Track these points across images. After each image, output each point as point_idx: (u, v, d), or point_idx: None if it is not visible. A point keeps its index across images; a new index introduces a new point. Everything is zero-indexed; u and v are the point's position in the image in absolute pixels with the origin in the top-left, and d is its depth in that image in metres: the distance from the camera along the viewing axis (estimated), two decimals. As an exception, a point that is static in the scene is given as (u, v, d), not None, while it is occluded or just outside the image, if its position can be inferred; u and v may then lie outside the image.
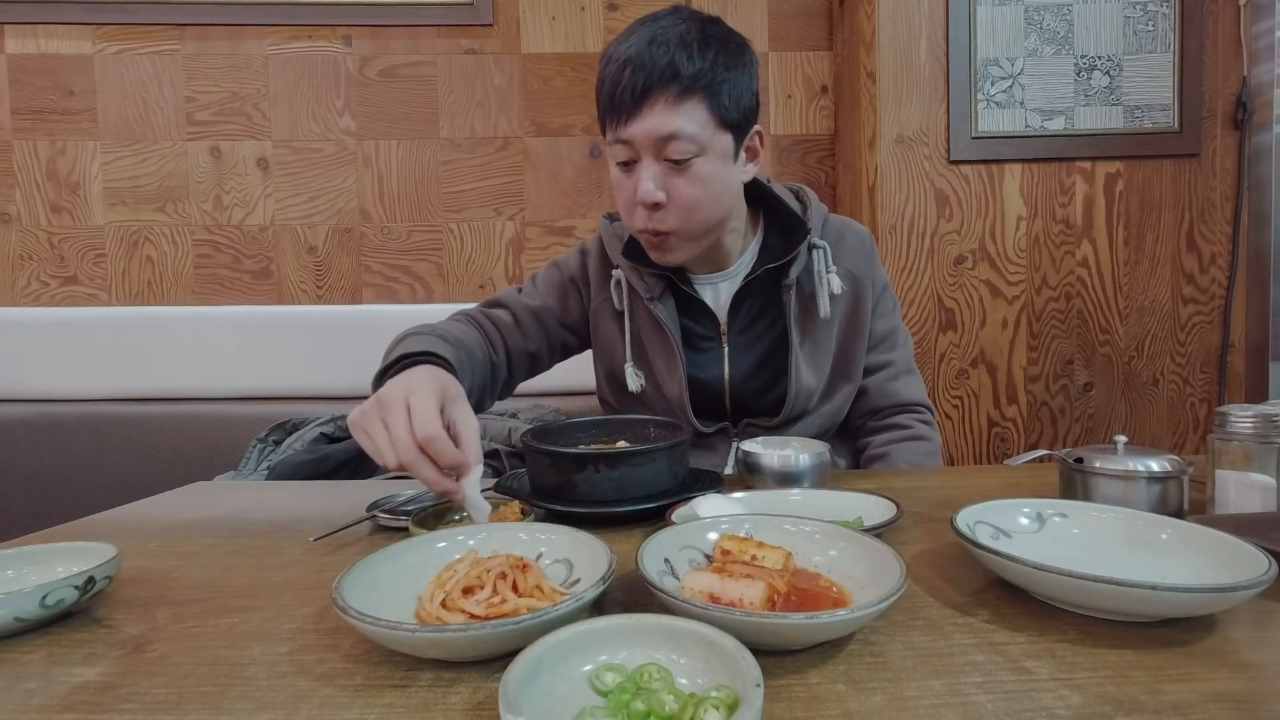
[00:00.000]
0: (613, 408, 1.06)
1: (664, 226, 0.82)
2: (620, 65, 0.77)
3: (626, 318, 0.95)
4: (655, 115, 0.77)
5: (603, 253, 0.99)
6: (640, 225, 0.83)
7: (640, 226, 0.83)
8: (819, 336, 0.93)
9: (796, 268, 0.92)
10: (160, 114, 1.65)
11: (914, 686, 0.36)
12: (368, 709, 0.36)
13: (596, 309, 0.99)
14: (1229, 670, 0.37)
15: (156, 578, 0.57)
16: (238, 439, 1.31)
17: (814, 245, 0.92)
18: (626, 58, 0.77)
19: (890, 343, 1.00)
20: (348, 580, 0.42)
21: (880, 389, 0.99)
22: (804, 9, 1.71)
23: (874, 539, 0.48)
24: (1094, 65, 1.51)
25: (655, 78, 0.76)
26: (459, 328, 0.91)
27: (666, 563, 0.48)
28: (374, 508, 0.70)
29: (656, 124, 0.77)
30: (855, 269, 0.95)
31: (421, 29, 1.66)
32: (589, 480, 0.66)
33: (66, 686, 0.39)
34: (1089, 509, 0.56)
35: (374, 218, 1.69)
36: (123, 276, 1.67)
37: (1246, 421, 0.62)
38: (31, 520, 0.80)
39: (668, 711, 0.32)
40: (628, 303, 0.95)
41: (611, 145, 0.81)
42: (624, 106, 0.77)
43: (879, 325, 0.99)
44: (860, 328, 0.96)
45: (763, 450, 0.75)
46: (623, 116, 0.77)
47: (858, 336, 0.96)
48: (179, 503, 0.84)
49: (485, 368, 0.91)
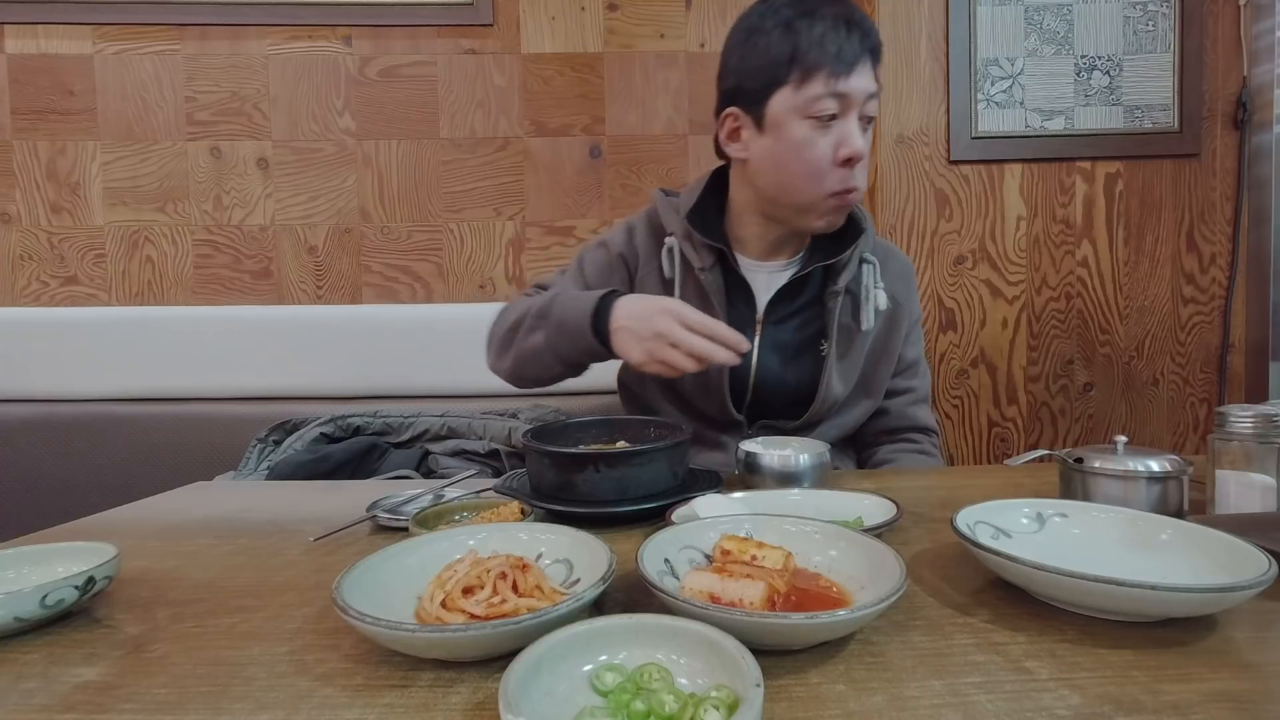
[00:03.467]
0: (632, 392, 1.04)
1: (855, 183, 0.83)
2: (839, 23, 0.79)
3: (676, 286, 0.94)
4: (868, 73, 0.81)
5: (652, 226, 0.99)
6: (838, 185, 0.83)
7: (837, 186, 0.83)
8: (854, 347, 0.94)
9: (846, 275, 0.92)
10: (160, 114, 1.65)
11: (914, 686, 0.36)
12: (368, 709, 0.36)
13: (642, 279, 0.98)
14: (1229, 670, 0.37)
15: (156, 578, 0.56)
16: (238, 439, 1.30)
17: (865, 259, 0.93)
18: (847, 18, 0.80)
19: (914, 370, 1.03)
20: (348, 580, 0.42)
21: (900, 412, 1.02)
22: (804, 9, 1.71)
23: (874, 539, 0.48)
24: (1094, 65, 1.51)
25: (871, 41, 0.81)
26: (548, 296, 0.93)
27: (666, 563, 0.48)
28: (374, 508, 0.70)
29: (868, 82, 0.81)
30: (896, 293, 0.97)
31: (421, 29, 1.66)
32: (589, 480, 0.66)
33: (66, 686, 0.39)
34: (1089, 509, 0.56)
35: (374, 218, 1.69)
36: (123, 276, 1.67)
37: (1246, 421, 0.62)
38: (31, 520, 0.80)
39: (668, 711, 0.32)
40: (679, 271, 0.93)
41: (819, 99, 0.79)
42: (847, 60, 0.78)
43: (908, 352, 1.01)
44: (891, 350, 0.98)
45: (763, 450, 0.75)
46: (844, 70, 0.78)
47: (886, 358, 0.98)
48: (179, 503, 0.84)
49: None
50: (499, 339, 0.94)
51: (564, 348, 0.85)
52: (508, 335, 0.92)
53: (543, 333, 0.86)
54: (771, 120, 0.83)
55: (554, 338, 0.85)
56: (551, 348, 0.85)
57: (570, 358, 0.86)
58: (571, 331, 0.83)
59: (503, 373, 0.95)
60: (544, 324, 0.85)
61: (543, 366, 0.89)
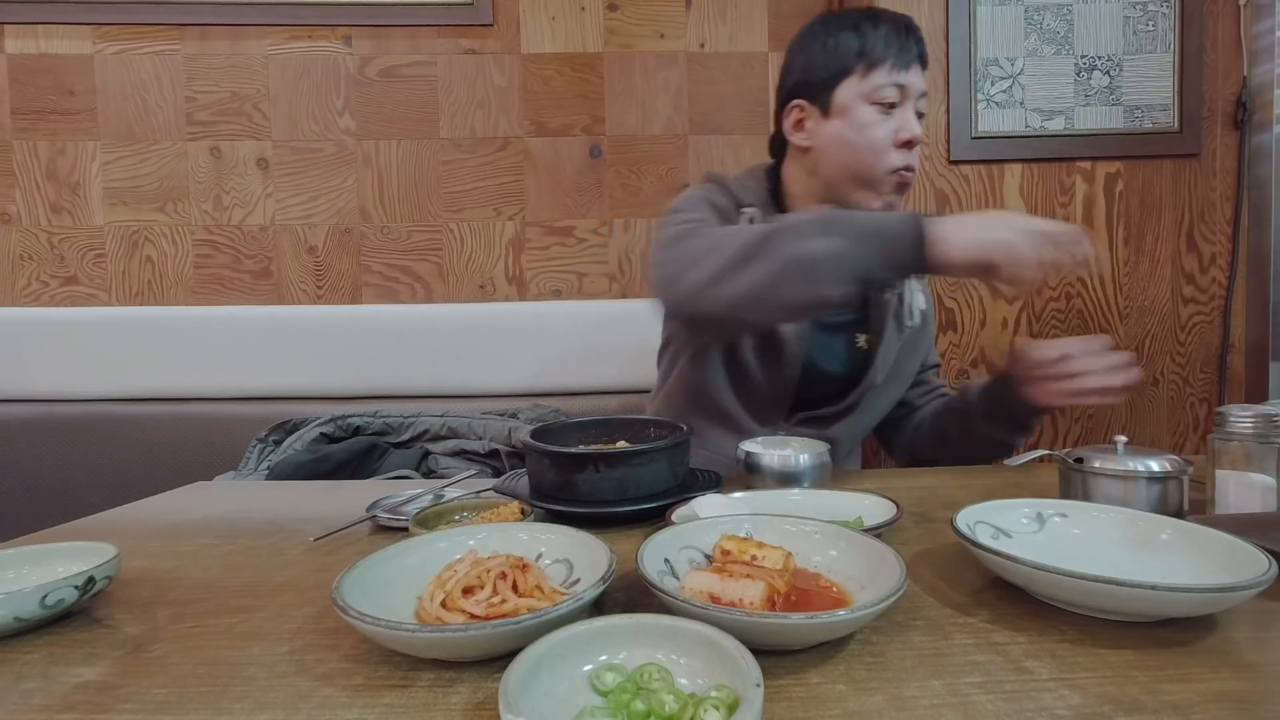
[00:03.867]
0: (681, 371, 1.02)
1: (914, 162, 0.93)
2: (901, 23, 0.92)
3: None
4: (920, 75, 0.92)
5: (729, 195, 0.98)
6: (900, 162, 0.91)
7: (899, 164, 0.91)
8: (894, 341, 1.01)
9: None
10: (160, 114, 1.65)
11: (914, 686, 0.36)
12: (368, 709, 0.36)
13: None
14: (1229, 670, 0.37)
15: (156, 578, 0.57)
16: (238, 439, 1.30)
17: None
18: (905, 23, 0.92)
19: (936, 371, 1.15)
20: (348, 580, 0.42)
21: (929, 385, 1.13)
22: (804, 9, 1.71)
23: (874, 539, 0.48)
24: (1094, 65, 1.51)
25: (923, 49, 0.93)
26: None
27: (666, 563, 0.48)
28: (374, 508, 0.70)
29: (921, 81, 0.92)
30: (928, 295, 1.06)
31: (421, 29, 1.66)
32: (589, 480, 0.66)
33: (66, 686, 0.39)
34: (1089, 509, 0.56)
35: (374, 218, 1.69)
36: (123, 276, 1.67)
37: (1246, 421, 0.62)
38: (31, 520, 0.80)
39: (668, 711, 0.32)
40: None
41: (882, 88, 0.90)
42: (907, 55, 0.90)
43: (931, 356, 1.12)
44: (919, 350, 1.06)
45: (763, 450, 0.75)
46: (904, 63, 0.90)
47: (915, 355, 1.06)
48: (179, 503, 0.84)
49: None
50: (725, 258, 0.79)
51: (865, 256, 0.75)
52: (741, 252, 0.78)
53: (828, 240, 0.75)
54: (839, 106, 0.93)
55: (851, 246, 0.75)
56: (840, 257, 0.75)
57: (866, 269, 0.75)
58: (887, 235, 0.75)
59: (718, 301, 0.79)
60: (833, 231, 0.76)
61: (805, 284, 0.76)
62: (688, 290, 0.80)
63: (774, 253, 0.77)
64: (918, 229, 0.73)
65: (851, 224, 0.76)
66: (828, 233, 0.76)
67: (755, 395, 0.98)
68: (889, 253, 0.75)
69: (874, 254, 0.75)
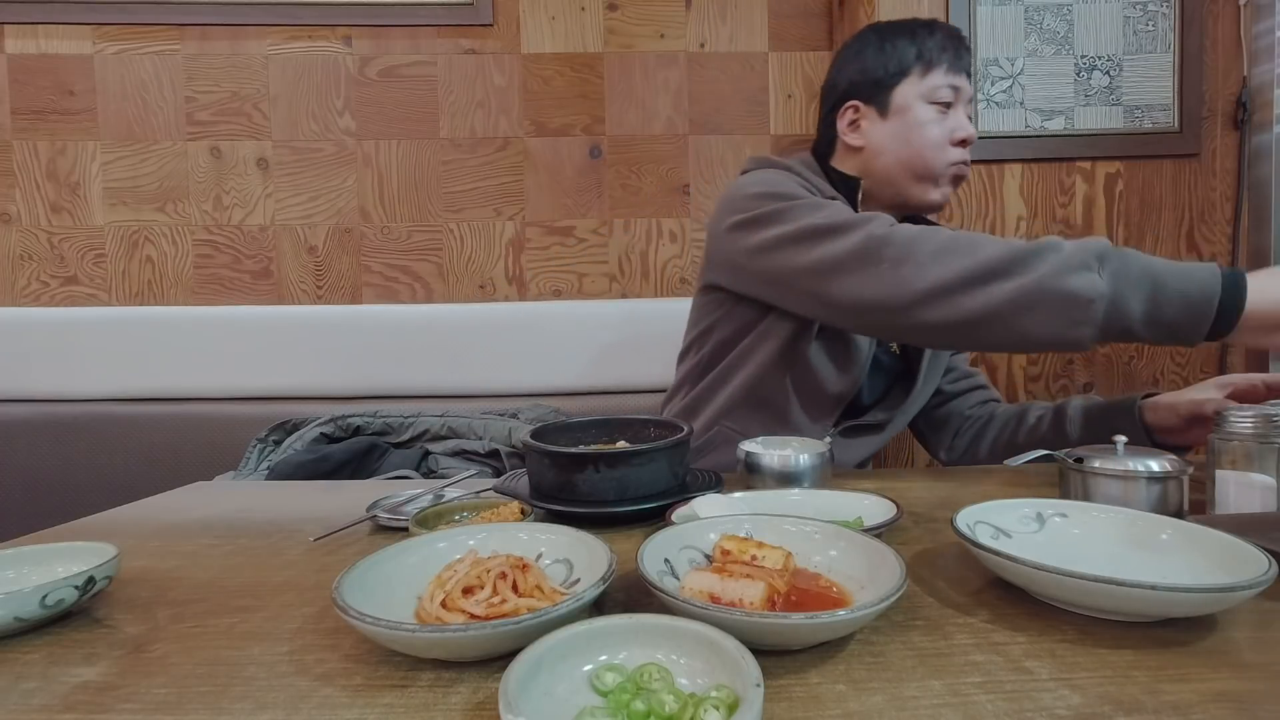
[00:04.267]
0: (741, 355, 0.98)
1: (968, 159, 0.97)
2: (954, 32, 0.97)
3: None
4: (968, 80, 0.97)
5: (808, 184, 0.98)
6: (957, 158, 0.96)
7: (956, 159, 0.96)
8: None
9: None
10: (160, 114, 1.65)
11: (914, 686, 0.36)
12: (368, 709, 0.36)
13: None
14: (1229, 670, 0.37)
15: (156, 578, 0.57)
16: (238, 439, 1.30)
17: None
18: (957, 32, 0.97)
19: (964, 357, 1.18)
20: (348, 580, 0.42)
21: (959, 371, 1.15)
22: (804, 9, 1.71)
23: (874, 539, 0.48)
24: (1094, 65, 1.51)
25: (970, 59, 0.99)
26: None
27: (666, 563, 0.48)
28: (374, 508, 0.70)
29: (970, 87, 0.98)
30: None
31: (421, 29, 1.66)
32: (589, 480, 0.66)
33: (66, 686, 0.39)
34: (1089, 509, 0.56)
35: (374, 218, 1.69)
36: (123, 276, 1.67)
37: (1246, 421, 0.62)
38: (31, 520, 0.80)
39: (668, 711, 0.32)
40: None
41: (939, 88, 0.95)
42: (961, 60, 0.96)
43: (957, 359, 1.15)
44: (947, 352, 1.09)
45: (763, 450, 0.75)
46: (958, 67, 0.95)
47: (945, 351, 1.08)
48: (179, 503, 0.84)
49: None
50: (977, 265, 0.72)
51: (1147, 310, 0.67)
52: (997, 263, 0.71)
53: (1106, 280, 0.68)
54: (897, 107, 0.96)
55: (1131, 294, 0.67)
56: (1116, 302, 0.67)
57: (1142, 325, 0.68)
58: (1187, 290, 0.66)
59: (956, 309, 0.72)
60: (1116, 272, 0.68)
61: (1059, 321, 0.69)
62: (930, 283, 0.73)
63: (1039, 275, 0.69)
64: (1229, 283, 0.65)
65: (1138, 267, 0.68)
66: (1108, 272, 0.68)
67: (816, 397, 0.97)
68: (1185, 309, 0.66)
69: (1163, 306, 0.67)
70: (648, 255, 1.72)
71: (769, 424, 0.97)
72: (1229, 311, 0.67)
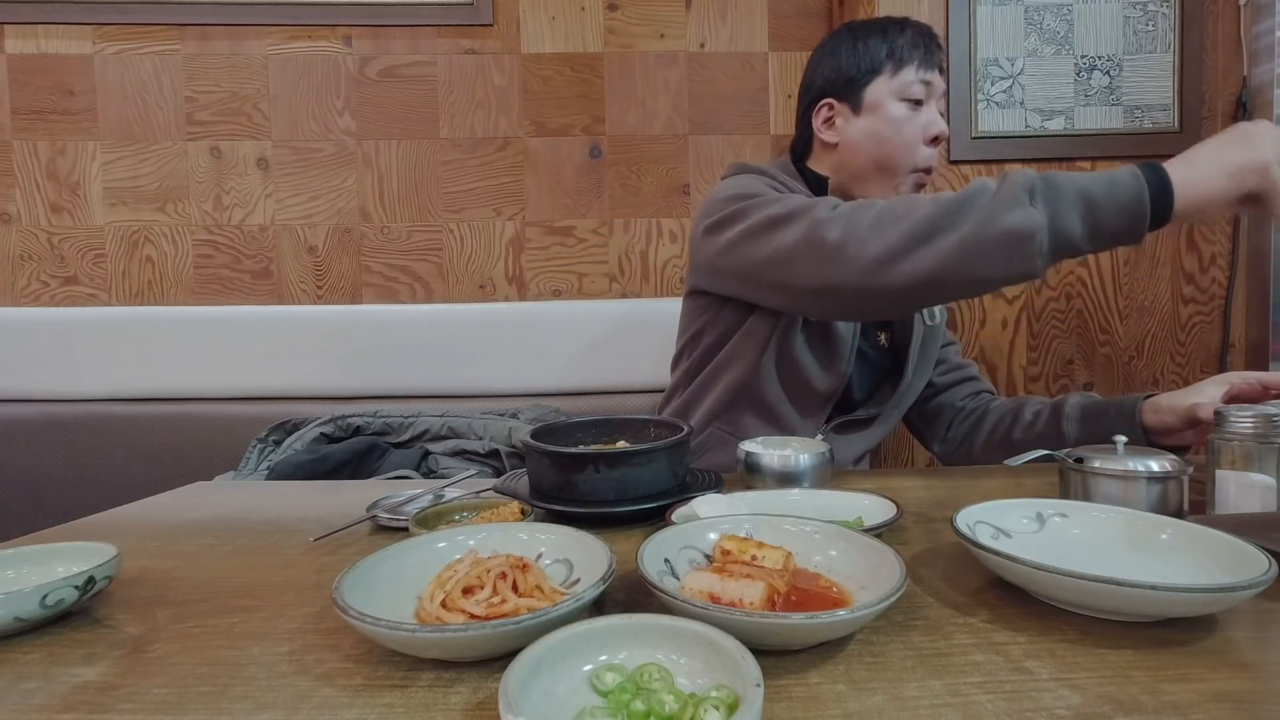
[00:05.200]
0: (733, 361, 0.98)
1: (935, 163, 0.99)
2: (925, 29, 0.98)
3: None
4: (940, 76, 0.98)
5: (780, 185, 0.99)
6: (924, 162, 0.97)
7: (924, 163, 0.97)
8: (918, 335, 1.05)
9: None
10: (160, 114, 1.65)
11: (914, 686, 0.36)
12: (368, 709, 0.36)
13: None
14: (1229, 670, 0.37)
15: (156, 578, 0.57)
16: (238, 439, 1.30)
17: None
18: (928, 29, 0.98)
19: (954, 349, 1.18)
20: (348, 580, 0.42)
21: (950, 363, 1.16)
22: (804, 9, 1.71)
23: (874, 539, 0.48)
24: (1094, 65, 1.51)
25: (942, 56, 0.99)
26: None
27: (666, 563, 0.48)
28: (374, 508, 0.70)
29: (942, 83, 0.99)
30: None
31: (421, 29, 1.66)
32: (589, 480, 0.66)
33: (66, 686, 0.39)
34: (1089, 509, 0.56)
35: (374, 218, 1.69)
36: (123, 276, 1.67)
37: (1246, 421, 0.62)
38: (31, 520, 0.80)
39: (668, 711, 0.32)
40: None
41: (911, 84, 0.96)
42: (932, 56, 0.97)
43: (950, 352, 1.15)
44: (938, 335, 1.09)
45: (763, 450, 0.75)
46: (930, 63, 0.96)
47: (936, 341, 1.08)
48: (179, 503, 0.84)
49: None
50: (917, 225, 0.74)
51: (1088, 225, 0.70)
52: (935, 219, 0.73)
53: (1042, 210, 0.69)
54: (869, 103, 0.98)
55: (1070, 215, 0.69)
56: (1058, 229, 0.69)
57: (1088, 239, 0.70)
58: (1118, 197, 0.68)
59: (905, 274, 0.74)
60: (1048, 199, 0.70)
61: (1011, 260, 0.70)
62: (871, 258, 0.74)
63: (977, 222, 0.71)
64: (1154, 181, 0.68)
65: (1069, 189, 0.70)
66: (1041, 201, 0.70)
67: (805, 395, 0.98)
68: (1121, 216, 0.69)
69: (1101, 221, 0.69)
70: (648, 255, 1.72)
71: (761, 424, 0.98)
72: (1162, 207, 0.69)
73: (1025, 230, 0.69)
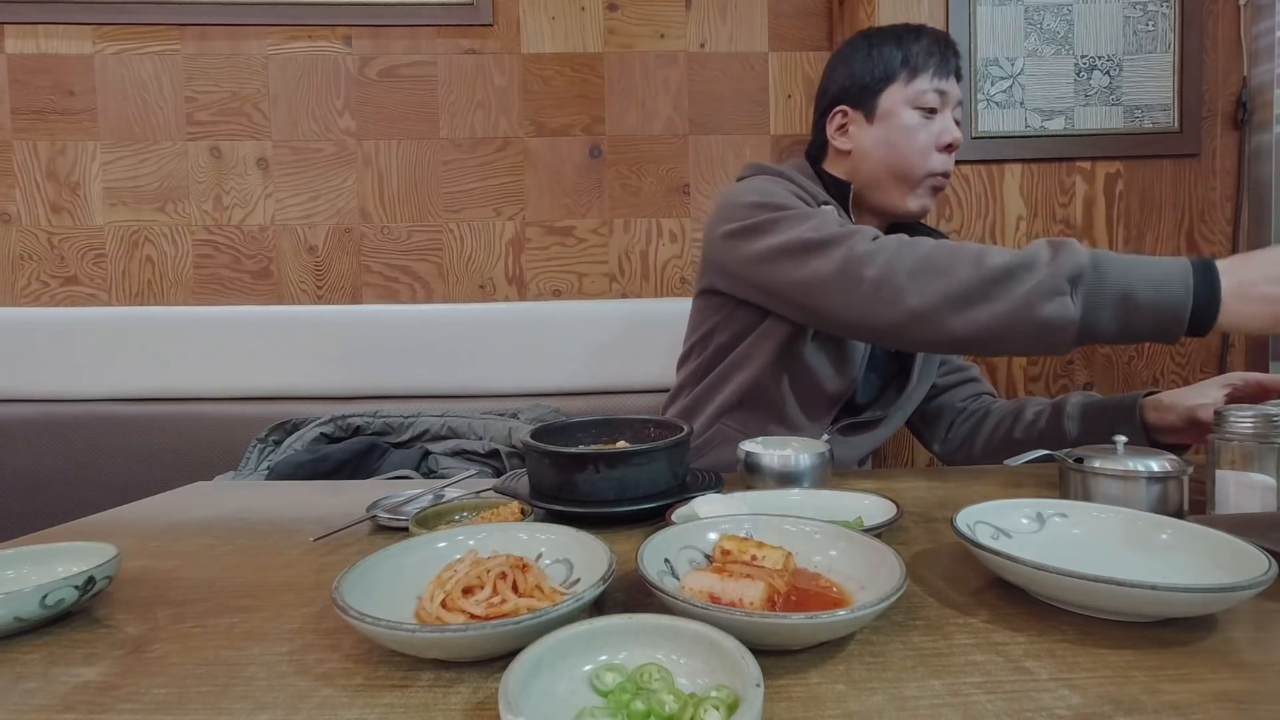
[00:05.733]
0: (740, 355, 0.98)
1: (950, 168, 0.98)
2: (941, 37, 0.98)
3: None
4: (956, 85, 0.98)
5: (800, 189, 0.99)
6: (939, 167, 0.97)
7: (939, 168, 0.97)
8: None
9: None
10: (160, 114, 1.65)
11: (914, 686, 0.36)
12: (368, 709, 0.36)
13: None
14: (1229, 670, 0.37)
15: (156, 578, 0.57)
16: (238, 439, 1.30)
17: None
18: (945, 37, 0.98)
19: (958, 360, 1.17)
20: (348, 580, 0.42)
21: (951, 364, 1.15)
22: (804, 9, 1.71)
23: (874, 539, 0.48)
24: (1094, 65, 1.51)
25: (958, 62, 0.99)
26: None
27: (666, 563, 0.48)
28: (374, 508, 0.70)
29: (958, 90, 0.98)
30: None
31: (421, 29, 1.66)
32: (589, 480, 0.66)
33: (66, 686, 0.39)
34: (1089, 509, 0.56)
35: (374, 218, 1.69)
36: (123, 276, 1.67)
37: (1246, 421, 0.62)
38: (31, 520, 0.80)
39: (668, 711, 0.32)
40: None
41: (925, 93, 0.96)
42: (947, 65, 0.96)
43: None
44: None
45: (763, 450, 0.75)
46: (945, 72, 0.96)
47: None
48: (179, 503, 0.84)
49: None
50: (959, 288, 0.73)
51: (1124, 327, 0.69)
52: (977, 286, 0.72)
53: (1082, 303, 0.69)
54: (883, 111, 0.98)
55: (1109, 315, 0.69)
56: (1093, 325, 0.69)
57: (1121, 337, 0.70)
58: (1161, 302, 0.67)
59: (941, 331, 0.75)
60: (1091, 291, 0.69)
61: (1041, 343, 0.72)
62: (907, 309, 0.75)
63: (1014, 302, 0.70)
64: (1201, 291, 0.66)
65: (1113, 287, 0.68)
66: (1082, 295, 0.69)
67: (814, 397, 0.98)
68: (1158, 323, 0.68)
69: (1135, 324, 0.68)
70: (648, 255, 1.72)
71: (767, 423, 0.98)
72: (1203, 317, 0.67)
73: (1058, 324, 0.69)
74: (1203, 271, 0.67)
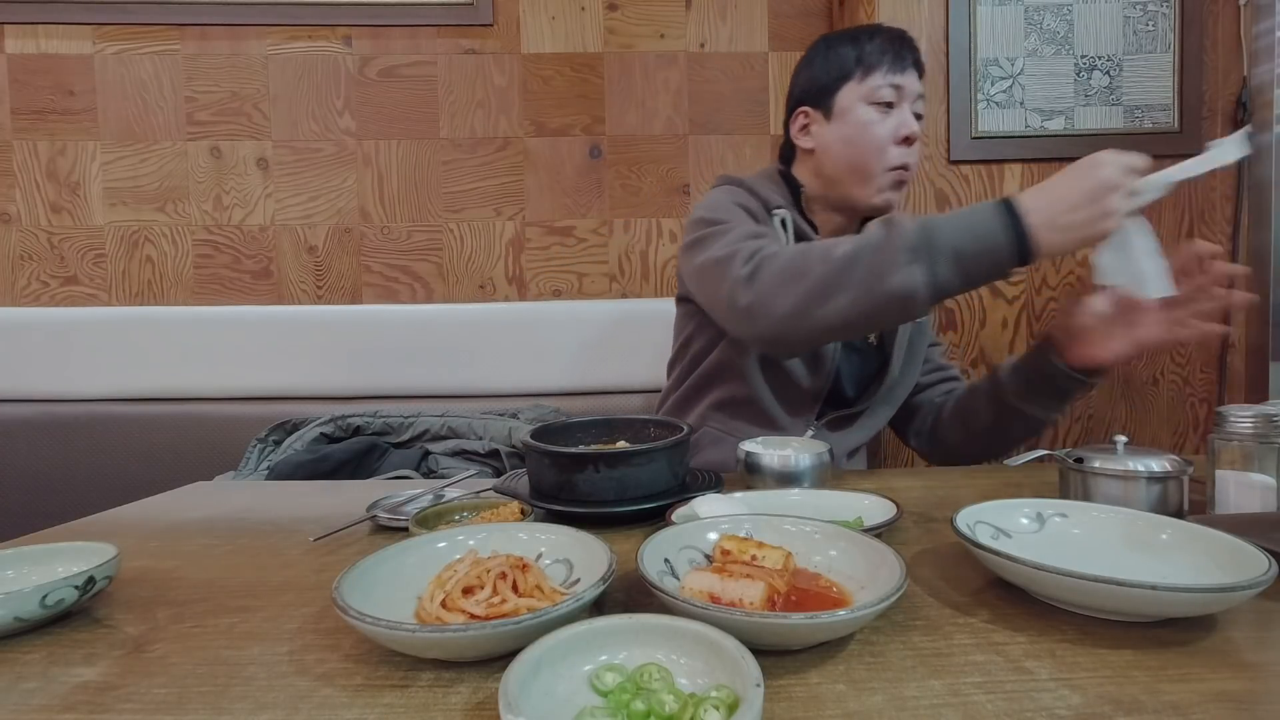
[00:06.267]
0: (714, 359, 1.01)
1: (911, 160, 0.99)
2: (896, 34, 0.99)
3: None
4: (915, 78, 0.99)
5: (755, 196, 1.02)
6: (897, 160, 0.97)
7: (897, 162, 0.97)
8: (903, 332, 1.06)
9: None
10: (160, 114, 1.65)
11: (914, 686, 0.36)
12: (368, 709, 0.36)
13: None
14: (1229, 670, 0.37)
15: (156, 578, 0.57)
16: (238, 439, 1.30)
17: None
18: (900, 34, 0.99)
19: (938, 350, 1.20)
20: (348, 580, 0.42)
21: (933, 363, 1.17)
22: (804, 9, 1.71)
23: (874, 539, 0.48)
24: (1094, 65, 1.51)
25: (916, 55, 1.00)
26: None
27: (666, 563, 0.48)
28: (374, 508, 0.70)
29: (917, 84, 0.99)
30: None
31: (421, 29, 1.66)
32: (589, 480, 0.66)
33: (66, 686, 0.39)
34: (1089, 509, 0.56)
35: (374, 218, 1.69)
36: (123, 276, 1.67)
37: (1246, 421, 0.62)
38: (31, 520, 0.80)
39: (668, 711, 0.32)
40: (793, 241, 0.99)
41: (879, 88, 0.97)
42: (902, 60, 0.97)
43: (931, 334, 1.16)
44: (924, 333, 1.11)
45: (763, 450, 0.75)
46: (900, 67, 0.97)
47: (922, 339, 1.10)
48: (179, 503, 0.84)
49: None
50: (814, 287, 0.78)
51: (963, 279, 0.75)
52: (829, 281, 0.77)
53: (922, 269, 0.74)
54: (840, 109, 1.00)
55: (947, 272, 0.74)
56: (937, 285, 0.74)
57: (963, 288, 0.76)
58: (985, 249, 0.73)
59: (809, 330, 0.80)
60: (926, 256, 0.74)
61: (900, 314, 0.78)
62: (778, 319, 0.80)
63: (865, 283, 0.76)
64: (1012, 236, 0.73)
65: (943, 242, 0.74)
66: (919, 258, 0.74)
67: (793, 395, 1.01)
68: (988, 269, 0.75)
69: (972, 271, 0.75)
70: (648, 255, 1.72)
71: (751, 423, 1.00)
72: (1023, 252, 0.73)
73: (907, 292, 0.75)
74: (1009, 213, 0.74)
